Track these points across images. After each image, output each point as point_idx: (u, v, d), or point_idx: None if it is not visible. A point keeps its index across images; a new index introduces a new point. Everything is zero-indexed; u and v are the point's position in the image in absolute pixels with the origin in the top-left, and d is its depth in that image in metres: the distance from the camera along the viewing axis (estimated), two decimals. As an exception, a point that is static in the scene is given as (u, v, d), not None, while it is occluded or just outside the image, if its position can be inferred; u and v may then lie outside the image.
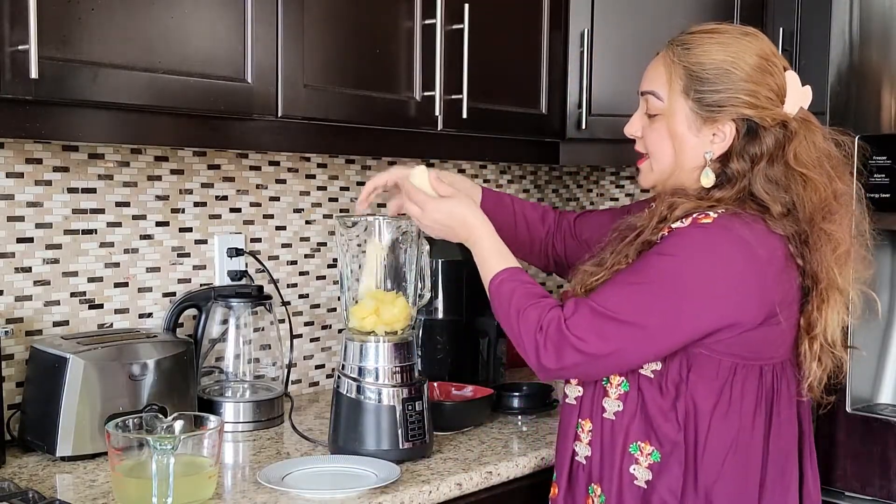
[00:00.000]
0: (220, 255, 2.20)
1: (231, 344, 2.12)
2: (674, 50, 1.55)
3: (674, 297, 1.45)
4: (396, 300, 1.82)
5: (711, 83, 1.51)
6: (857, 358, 1.95)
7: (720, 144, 1.53)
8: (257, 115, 1.79)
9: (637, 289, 1.47)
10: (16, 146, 1.88)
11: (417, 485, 1.68)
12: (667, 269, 1.46)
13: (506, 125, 2.28)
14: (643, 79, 1.60)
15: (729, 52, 1.51)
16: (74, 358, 1.75)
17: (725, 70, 1.50)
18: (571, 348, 1.47)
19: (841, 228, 1.51)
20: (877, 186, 1.89)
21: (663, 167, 1.58)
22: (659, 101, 1.56)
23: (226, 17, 1.72)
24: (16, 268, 1.90)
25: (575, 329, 1.47)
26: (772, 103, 1.51)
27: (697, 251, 1.46)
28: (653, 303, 1.45)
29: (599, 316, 1.47)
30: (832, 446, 1.97)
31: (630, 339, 1.46)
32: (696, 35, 1.55)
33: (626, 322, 1.45)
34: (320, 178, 2.41)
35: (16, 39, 1.43)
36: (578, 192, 3.14)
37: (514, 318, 1.54)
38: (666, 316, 1.45)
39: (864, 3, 1.92)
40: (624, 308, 1.46)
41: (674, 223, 1.50)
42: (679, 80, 1.53)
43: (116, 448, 1.53)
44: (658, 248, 1.49)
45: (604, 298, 1.48)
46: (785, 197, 1.50)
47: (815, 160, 1.51)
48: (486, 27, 2.17)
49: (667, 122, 1.55)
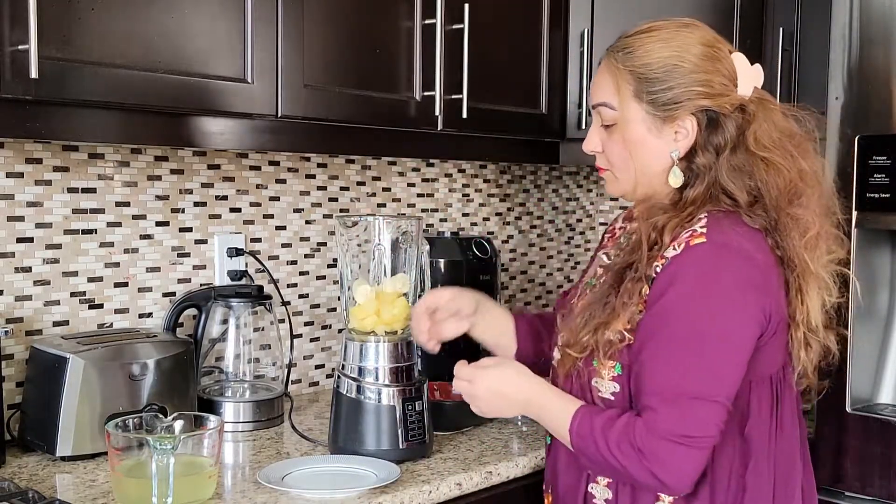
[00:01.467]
0: (220, 255, 2.20)
1: (231, 344, 2.12)
2: (615, 56, 1.50)
3: (713, 349, 1.40)
4: (396, 300, 1.82)
5: (662, 81, 1.46)
6: (858, 358, 1.95)
7: (684, 141, 1.48)
8: (257, 115, 1.79)
9: (681, 359, 1.40)
10: (16, 146, 1.88)
11: (417, 485, 1.68)
12: (691, 325, 1.39)
13: (506, 125, 2.28)
14: (591, 92, 1.55)
15: (672, 46, 1.47)
16: (74, 358, 1.75)
17: (673, 65, 1.46)
18: (675, 444, 1.39)
19: (808, 211, 1.47)
20: (877, 186, 1.89)
21: (630, 176, 1.53)
22: (612, 111, 1.51)
23: (226, 17, 1.72)
24: (16, 268, 1.90)
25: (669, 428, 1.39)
26: (726, 89, 1.47)
27: (708, 288, 1.40)
28: (702, 365, 1.39)
29: (673, 402, 1.39)
30: (832, 446, 1.97)
31: (710, 406, 1.40)
32: (635, 37, 1.51)
33: (697, 397, 1.39)
34: (320, 178, 2.41)
35: (16, 39, 1.43)
36: (578, 192, 3.14)
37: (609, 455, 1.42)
38: (717, 368, 1.40)
39: (864, 3, 1.92)
40: (688, 384, 1.39)
41: (666, 250, 1.44)
42: (628, 86, 1.48)
43: (116, 448, 1.53)
44: (666, 300, 1.41)
45: (661, 383, 1.40)
46: (750, 183, 1.47)
47: (775, 141, 1.47)
48: (486, 27, 2.17)
49: (625, 130, 1.50)
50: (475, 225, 2.81)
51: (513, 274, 2.94)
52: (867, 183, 1.90)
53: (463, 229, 2.76)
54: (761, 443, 1.49)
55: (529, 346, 1.80)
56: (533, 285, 3.01)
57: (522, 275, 2.97)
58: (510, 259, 2.92)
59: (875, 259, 1.98)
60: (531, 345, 1.80)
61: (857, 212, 1.92)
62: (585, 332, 1.48)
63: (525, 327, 1.82)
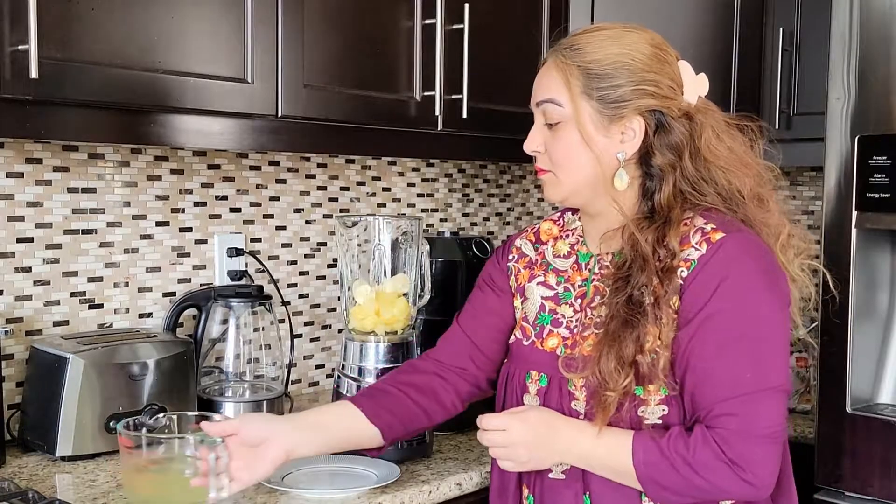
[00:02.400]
0: (220, 255, 2.20)
1: (231, 344, 2.12)
2: (563, 53, 1.46)
3: (771, 339, 1.38)
4: (396, 300, 1.82)
5: (611, 78, 1.42)
6: (858, 358, 1.95)
7: (631, 143, 1.44)
8: (257, 115, 1.79)
9: (744, 356, 1.36)
10: (16, 146, 1.88)
11: (417, 485, 1.68)
12: (745, 322, 1.36)
13: (506, 125, 2.27)
14: (534, 91, 1.50)
15: (622, 44, 1.44)
16: (74, 358, 1.75)
17: (623, 63, 1.42)
18: (760, 444, 1.35)
19: (774, 214, 1.47)
20: (877, 186, 1.89)
21: (575, 177, 1.46)
22: (559, 108, 1.45)
23: (226, 17, 1.72)
24: (16, 268, 1.90)
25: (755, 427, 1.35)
26: (673, 93, 1.44)
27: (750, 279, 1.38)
28: (766, 359, 1.37)
29: (749, 401, 1.35)
30: (832, 446, 1.97)
31: (778, 397, 1.38)
32: (583, 35, 1.48)
33: (769, 387, 1.36)
34: (320, 178, 2.41)
35: (16, 39, 1.43)
36: (578, 192, 3.14)
37: (694, 476, 1.35)
38: (778, 357, 1.39)
39: (864, 3, 1.92)
40: (759, 380, 1.36)
41: (687, 252, 1.40)
42: (577, 82, 1.43)
43: (133, 447, 1.38)
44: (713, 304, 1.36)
45: (733, 386, 1.35)
46: (715, 188, 1.45)
47: (727, 148, 1.46)
48: (486, 27, 2.17)
49: (571, 128, 1.44)
50: (475, 225, 2.81)
51: (513, 274, 2.94)
52: (867, 183, 1.90)
53: (463, 229, 2.76)
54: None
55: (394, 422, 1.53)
56: (533, 285, 3.01)
57: (522, 275, 2.97)
58: (510, 259, 2.92)
59: (875, 259, 1.98)
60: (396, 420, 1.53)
61: (857, 212, 1.92)
62: (619, 373, 1.37)
63: (369, 403, 1.53)
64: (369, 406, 1.51)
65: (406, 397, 1.55)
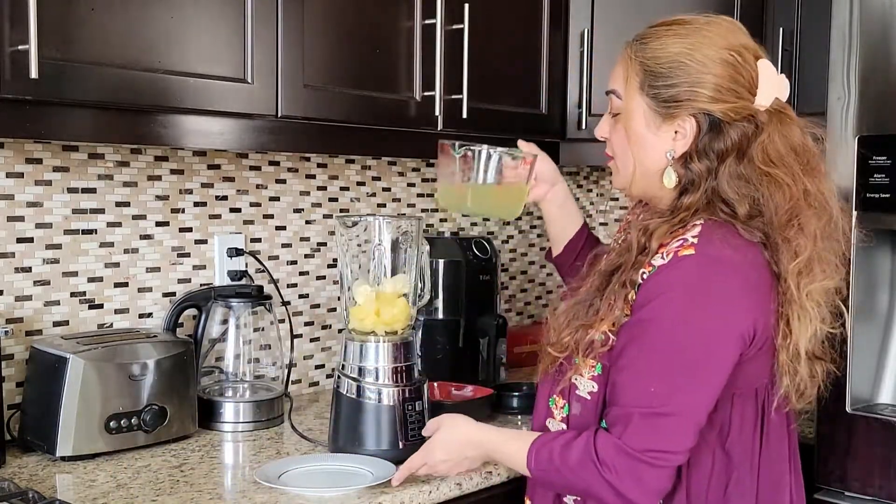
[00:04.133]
0: (220, 255, 2.20)
1: (231, 344, 2.12)
2: (632, 46, 1.48)
3: (693, 366, 1.37)
4: (396, 300, 1.82)
5: (667, 77, 1.42)
6: (858, 358, 1.95)
7: (681, 142, 1.44)
8: (257, 115, 1.79)
9: (658, 373, 1.37)
10: (16, 146, 1.88)
11: (417, 485, 1.68)
12: (672, 339, 1.37)
13: (506, 125, 2.27)
14: (609, 79, 1.53)
15: (686, 43, 1.42)
16: (74, 358, 1.75)
17: (681, 62, 1.42)
18: (639, 461, 1.36)
19: (804, 234, 1.41)
20: (877, 186, 1.89)
21: (628, 170, 1.50)
22: (619, 100, 1.49)
23: (226, 17, 1.72)
24: (16, 268, 1.90)
25: (636, 444, 1.36)
26: (736, 96, 1.41)
27: (692, 303, 1.37)
28: (679, 382, 1.37)
29: (643, 417, 1.37)
30: (832, 446, 1.96)
31: (683, 424, 1.38)
32: (656, 28, 1.48)
33: (667, 412, 1.36)
34: (320, 178, 2.41)
35: (16, 39, 1.43)
36: (578, 192, 3.14)
37: (571, 474, 1.41)
38: (694, 387, 1.38)
39: (864, 3, 1.92)
40: (661, 400, 1.36)
41: (654, 258, 1.41)
42: (636, 77, 1.45)
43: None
44: (650, 309, 1.38)
45: (634, 397, 1.38)
46: (754, 195, 1.42)
47: (783, 157, 1.42)
48: (486, 27, 2.17)
49: (627, 121, 1.48)
50: (475, 225, 2.81)
51: (513, 274, 2.94)
52: (867, 183, 1.90)
53: (463, 229, 2.76)
54: (744, 457, 1.46)
55: (569, 258, 1.83)
56: (533, 285, 3.01)
57: (522, 275, 2.97)
58: (510, 259, 2.92)
59: (875, 259, 1.98)
60: (570, 257, 1.83)
61: (857, 212, 1.92)
62: (567, 333, 1.46)
63: (579, 240, 1.83)
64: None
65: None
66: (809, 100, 2.37)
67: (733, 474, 1.45)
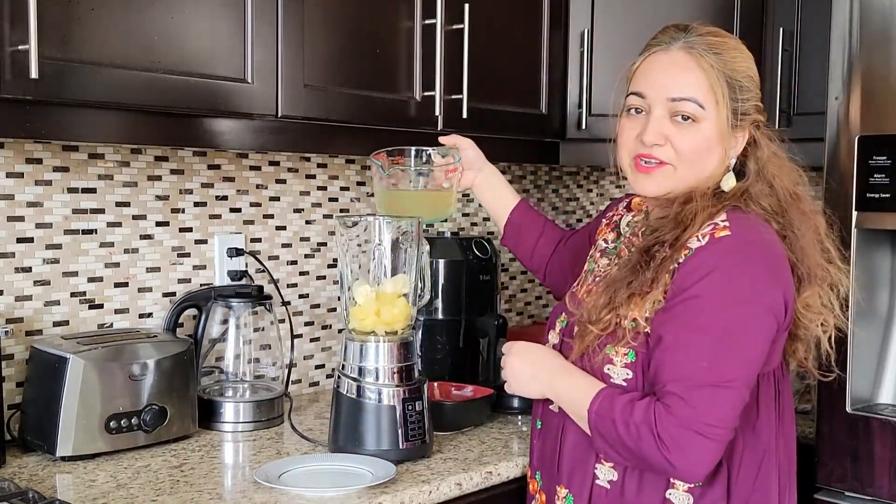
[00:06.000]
0: (220, 255, 2.20)
1: (231, 344, 2.12)
2: (705, 55, 1.50)
3: (739, 342, 1.42)
4: (397, 300, 1.82)
5: (745, 90, 1.51)
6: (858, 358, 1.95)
7: (736, 149, 1.54)
8: (257, 115, 1.79)
9: (709, 349, 1.41)
10: (16, 146, 1.88)
11: (417, 485, 1.68)
12: (719, 316, 1.41)
13: (506, 125, 2.28)
14: (666, 85, 1.51)
15: (747, 56, 1.53)
16: (74, 358, 1.75)
17: (751, 76, 1.53)
18: (694, 434, 1.39)
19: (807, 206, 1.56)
20: (877, 186, 1.89)
21: (698, 174, 1.52)
22: (699, 108, 1.49)
23: (226, 17, 1.72)
24: (16, 268, 1.90)
25: (692, 415, 1.39)
26: (759, 110, 1.56)
27: (736, 281, 1.42)
28: (729, 357, 1.41)
29: (697, 390, 1.40)
30: (832, 446, 1.97)
31: (734, 397, 1.41)
32: (713, 38, 1.52)
33: (720, 384, 1.40)
34: (320, 178, 2.41)
35: (16, 39, 1.43)
36: (578, 192, 3.14)
37: (625, 432, 1.43)
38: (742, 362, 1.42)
39: (864, 3, 1.92)
40: (715, 375, 1.40)
41: (691, 241, 1.46)
42: (720, 89, 1.49)
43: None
44: (695, 289, 1.42)
45: (688, 371, 1.41)
46: (773, 193, 1.54)
47: (782, 160, 1.57)
48: (486, 27, 2.17)
49: (706, 129, 1.50)
50: (475, 225, 2.81)
51: (513, 274, 2.94)
52: (867, 183, 1.90)
53: (463, 229, 2.76)
54: (769, 437, 1.52)
55: (514, 239, 1.97)
56: (533, 285, 3.01)
57: (523, 275, 2.97)
58: (510, 259, 2.92)
59: (875, 259, 1.98)
60: (515, 239, 1.97)
61: (857, 212, 1.92)
62: (608, 311, 1.49)
63: (518, 217, 1.96)
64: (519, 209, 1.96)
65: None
66: (809, 100, 2.37)
67: (763, 455, 1.51)
